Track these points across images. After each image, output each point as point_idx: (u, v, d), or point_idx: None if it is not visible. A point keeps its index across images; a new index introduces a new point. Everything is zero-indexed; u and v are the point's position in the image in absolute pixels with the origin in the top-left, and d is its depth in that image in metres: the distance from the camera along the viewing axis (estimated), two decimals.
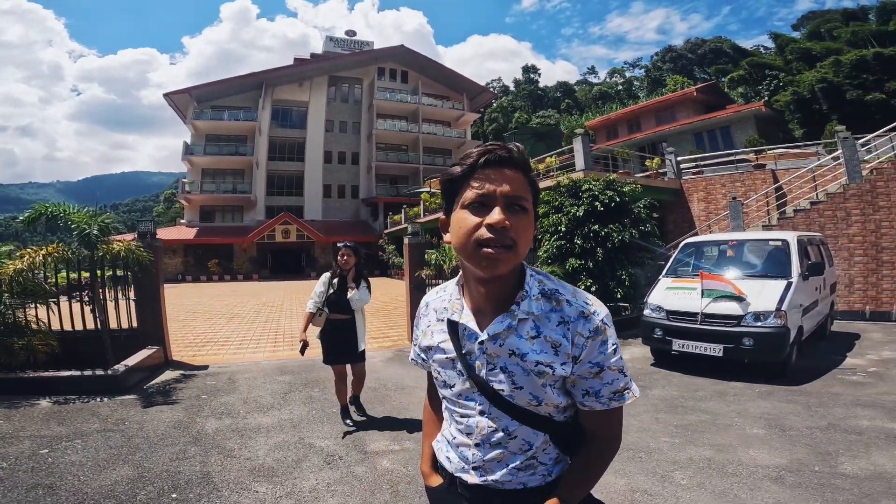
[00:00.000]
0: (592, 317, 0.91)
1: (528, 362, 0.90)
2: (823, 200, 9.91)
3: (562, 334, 0.90)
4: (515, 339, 0.91)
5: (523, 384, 0.91)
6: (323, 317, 3.82)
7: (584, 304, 0.92)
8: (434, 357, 1.03)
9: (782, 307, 4.85)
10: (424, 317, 1.10)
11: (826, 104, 21.94)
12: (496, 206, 0.86)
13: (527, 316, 0.91)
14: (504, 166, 0.89)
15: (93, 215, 5.07)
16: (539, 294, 0.93)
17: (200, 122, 32.57)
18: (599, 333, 0.90)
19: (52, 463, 3.16)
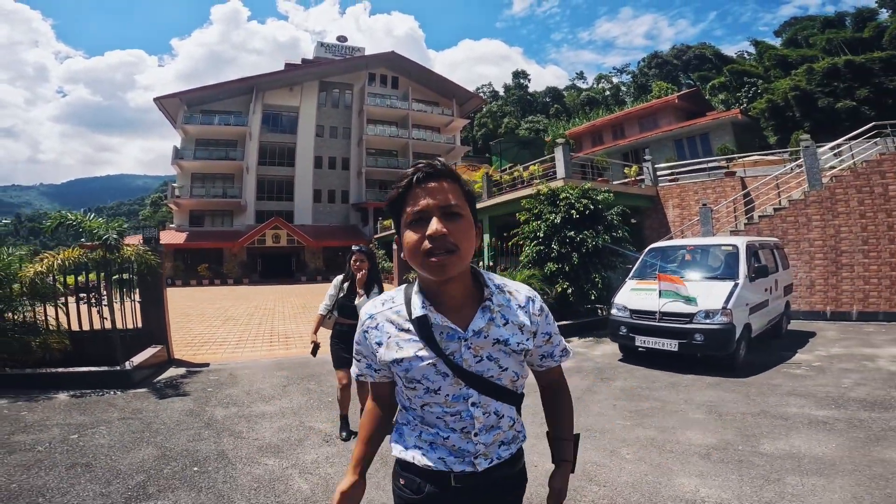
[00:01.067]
0: (536, 298, 1.14)
1: (512, 345, 1.04)
2: (786, 206, 10.58)
3: (523, 316, 1.08)
4: (497, 329, 1.04)
5: (508, 365, 1.05)
6: (332, 320, 3.89)
7: (526, 290, 1.14)
8: (410, 367, 1.04)
9: (728, 306, 5.44)
10: (375, 329, 1.10)
11: (799, 111, 22.89)
12: (433, 218, 0.96)
13: (499, 308, 1.06)
14: (433, 180, 0.99)
15: (107, 222, 5.52)
16: (496, 288, 1.08)
17: (190, 127, 32.76)
18: (544, 310, 1.14)
19: (83, 446, 3.62)
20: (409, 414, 1.13)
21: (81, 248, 5.69)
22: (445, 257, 0.95)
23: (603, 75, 65.71)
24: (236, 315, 12.37)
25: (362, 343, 1.14)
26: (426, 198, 0.97)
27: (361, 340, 1.14)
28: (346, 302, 3.85)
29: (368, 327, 1.12)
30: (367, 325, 1.12)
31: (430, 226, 0.95)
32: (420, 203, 0.97)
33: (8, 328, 5.38)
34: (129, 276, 6.06)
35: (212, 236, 31.82)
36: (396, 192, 1.02)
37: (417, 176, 0.99)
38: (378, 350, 1.09)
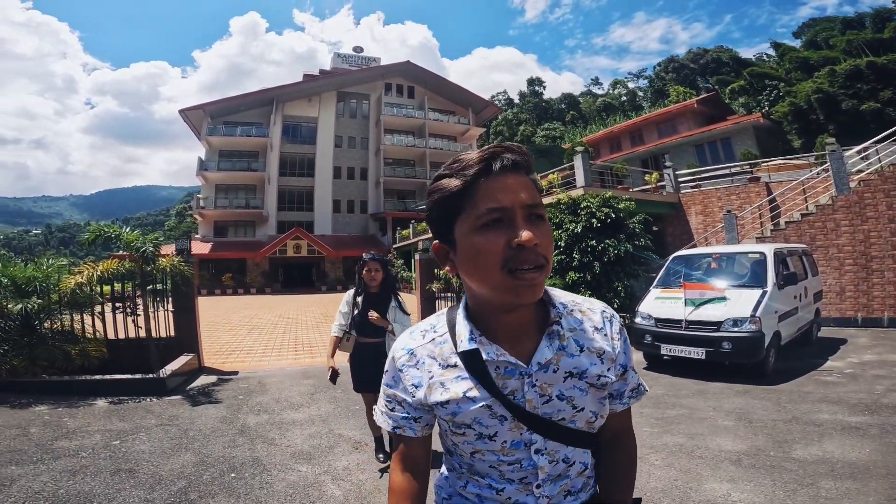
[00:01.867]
0: (614, 317, 0.90)
1: (591, 377, 0.83)
2: (814, 212, 10.38)
3: (602, 341, 0.86)
4: (569, 359, 0.82)
5: (584, 404, 0.83)
6: (351, 341, 3.42)
7: (600, 306, 0.91)
8: (458, 411, 0.83)
9: (756, 314, 5.37)
10: (413, 368, 0.88)
11: (822, 114, 22.45)
12: (517, 221, 0.73)
13: (570, 332, 0.84)
14: (515, 171, 0.76)
15: (143, 235, 5.77)
16: (563, 309, 0.86)
17: (214, 138, 33.64)
18: (623, 333, 0.89)
19: (125, 452, 3.76)
20: (455, 460, 0.93)
21: (117, 260, 5.93)
22: (537, 274, 0.73)
23: (619, 81, 65.52)
24: (261, 324, 12.61)
25: (395, 385, 0.90)
26: (510, 192, 0.74)
27: (393, 382, 0.91)
28: (361, 318, 3.40)
29: (404, 365, 0.89)
30: (403, 363, 0.89)
31: (521, 232, 0.72)
32: (502, 199, 0.73)
33: (48, 336, 5.62)
34: (162, 287, 6.27)
35: (235, 246, 32.50)
36: (459, 181, 0.76)
37: (500, 164, 0.75)
38: (416, 393, 0.87)
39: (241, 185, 34.93)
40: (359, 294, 3.48)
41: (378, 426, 3.29)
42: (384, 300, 3.43)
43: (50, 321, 5.81)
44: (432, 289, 8.02)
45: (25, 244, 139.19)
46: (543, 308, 0.86)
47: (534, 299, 0.76)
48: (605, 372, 0.85)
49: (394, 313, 3.43)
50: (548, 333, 0.83)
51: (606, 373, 0.85)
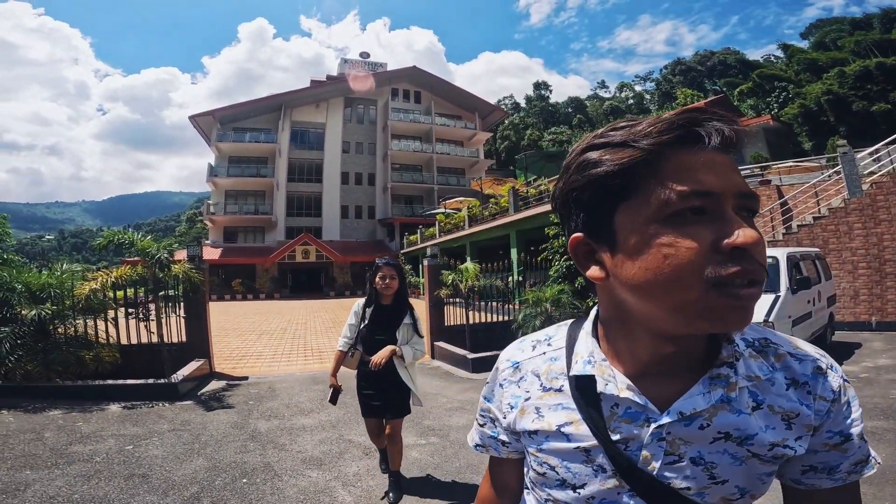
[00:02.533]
0: (830, 372, 0.62)
1: (759, 445, 0.59)
2: (826, 215, 10.26)
3: (797, 400, 0.60)
4: (731, 416, 0.58)
5: (730, 476, 0.60)
6: (355, 357, 3.03)
7: (816, 355, 0.63)
8: (544, 445, 0.67)
9: (770, 318, 5.31)
10: (512, 384, 0.73)
11: (833, 116, 22.26)
12: (728, 214, 0.51)
13: (749, 381, 0.59)
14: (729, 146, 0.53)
15: (156, 241, 5.84)
16: (747, 347, 0.62)
17: (224, 144, 34.04)
18: (844, 393, 0.62)
19: (139, 457, 3.78)
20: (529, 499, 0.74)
21: (130, 266, 6.00)
22: (755, 291, 0.51)
23: (625, 84, 65.36)
24: (270, 329, 12.68)
25: (491, 400, 0.76)
26: (719, 174, 0.51)
27: (490, 396, 0.77)
28: (373, 334, 2.96)
29: (506, 380, 0.74)
30: (506, 377, 0.74)
31: (739, 230, 0.50)
32: (705, 181, 0.51)
33: (62, 342, 5.69)
34: (174, 292, 6.33)
35: (244, 252, 32.76)
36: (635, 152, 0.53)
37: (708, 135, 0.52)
38: (509, 414, 0.72)
39: (251, 191, 35.27)
40: (369, 305, 3.02)
41: (382, 439, 3.14)
42: (397, 314, 2.99)
43: (64, 327, 5.88)
44: (440, 294, 8.02)
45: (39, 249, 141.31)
46: (714, 341, 0.61)
47: (744, 326, 0.52)
48: (789, 441, 0.59)
49: (406, 332, 2.99)
50: (710, 376, 0.58)
51: (792, 443, 0.59)
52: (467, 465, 3.59)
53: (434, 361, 7.72)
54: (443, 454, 3.83)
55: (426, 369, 7.15)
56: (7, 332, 5.35)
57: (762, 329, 0.65)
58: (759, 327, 0.65)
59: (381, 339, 2.94)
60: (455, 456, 3.78)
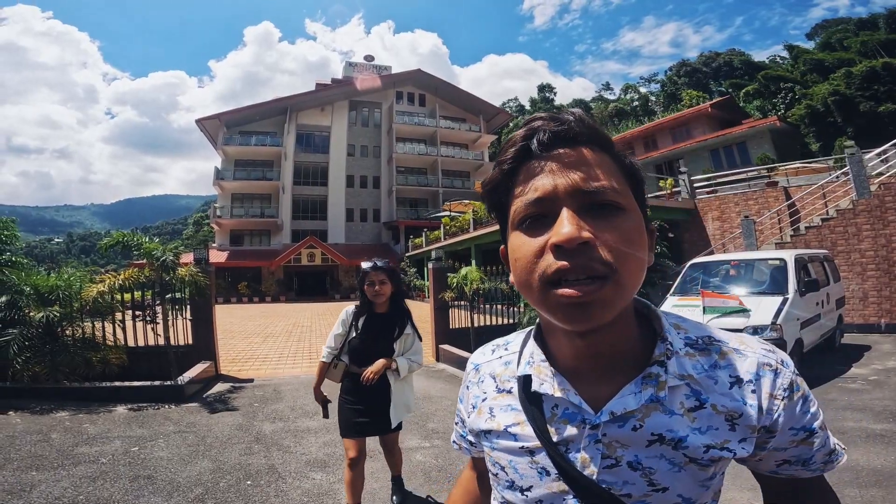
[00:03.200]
0: (782, 368, 0.60)
1: (692, 449, 0.56)
2: (834, 216, 10.17)
3: (741, 399, 0.58)
4: (663, 416, 0.57)
5: (670, 483, 0.57)
6: (339, 369, 2.72)
7: (763, 352, 0.61)
8: (495, 444, 0.68)
9: (777, 321, 5.26)
10: (474, 385, 0.75)
11: (840, 117, 22.09)
12: (563, 213, 0.53)
13: (683, 379, 0.58)
14: (562, 146, 0.56)
15: (163, 244, 5.88)
16: (686, 346, 0.60)
17: (230, 148, 34.22)
18: (796, 389, 0.60)
19: (144, 458, 3.80)
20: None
21: (137, 268, 6.05)
22: (588, 287, 0.51)
23: (630, 85, 65.14)
24: (276, 332, 12.71)
25: (461, 401, 0.80)
26: (552, 175, 0.55)
27: (461, 397, 0.80)
28: (363, 345, 2.68)
29: (469, 382, 0.77)
30: (469, 380, 0.77)
31: (558, 227, 0.52)
32: (538, 185, 0.55)
33: (69, 344, 5.74)
34: (181, 295, 6.37)
35: (251, 255, 32.90)
36: (500, 170, 0.59)
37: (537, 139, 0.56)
38: (471, 414, 0.74)
39: (257, 195, 35.43)
40: (361, 314, 2.73)
41: (356, 490, 2.69)
42: (394, 322, 2.71)
43: (72, 329, 5.93)
44: (445, 297, 8.01)
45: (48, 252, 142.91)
46: (651, 340, 0.61)
47: (587, 325, 0.53)
48: (731, 444, 0.57)
49: (406, 341, 2.75)
50: (643, 376, 0.58)
51: (731, 446, 0.57)
52: None
53: (439, 364, 7.71)
54: (447, 457, 3.82)
55: (431, 372, 7.14)
56: (15, 333, 5.40)
57: (706, 327, 0.63)
58: (704, 325, 0.64)
59: (377, 351, 2.65)
60: (459, 458, 3.76)
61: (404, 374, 2.69)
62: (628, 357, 0.60)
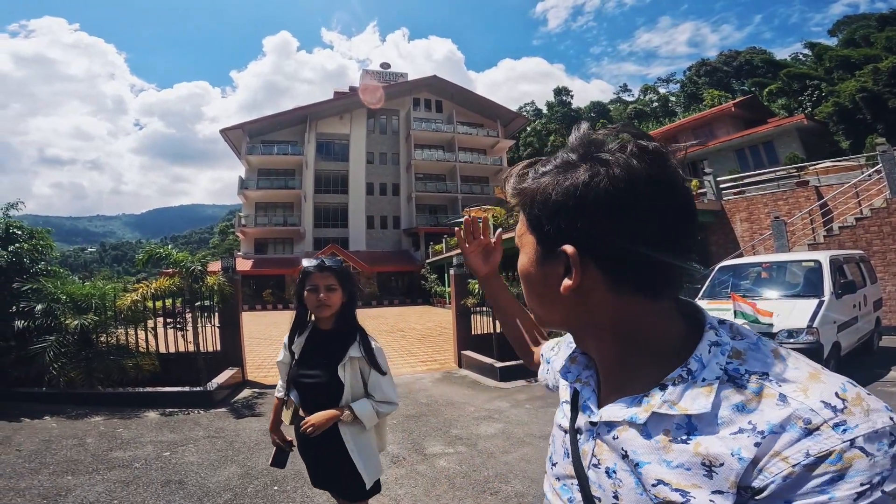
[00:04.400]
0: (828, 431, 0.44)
1: (644, 478, 0.52)
2: (868, 216, 9.82)
3: (732, 448, 0.47)
4: (638, 437, 0.54)
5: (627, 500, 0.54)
6: (290, 409, 1.95)
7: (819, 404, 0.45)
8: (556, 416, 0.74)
9: (814, 324, 5.08)
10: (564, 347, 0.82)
11: (869, 114, 21.35)
12: None
13: (673, 411, 0.52)
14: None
15: (192, 253, 6.03)
16: (718, 378, 0.51)
17: (253, 157, 34.90)
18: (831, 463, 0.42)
19: (175, 463, 3.88)
20: None
21: (166, 276, 6.22)
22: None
23: (649, 86, 64.30)
24: None
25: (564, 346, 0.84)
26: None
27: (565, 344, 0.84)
28: (302, 376, 1.93)
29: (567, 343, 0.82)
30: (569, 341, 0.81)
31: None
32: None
33: (104, 351, 5.91)
34: (209, 303, 6.51)
35: (274, 263, 33.40)
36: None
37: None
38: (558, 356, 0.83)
39: (279, 203, 35.98)
40: (299, 331, 2.01)
41: None
42: (343, 344, 1.92)
43: (106, 336, 6.11)
44: (467, 304, 7.99)
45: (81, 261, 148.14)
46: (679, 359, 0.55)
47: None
48: (693, 490, 0.48)
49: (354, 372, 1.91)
50: (644, 394, 0.55)
51: (697, 493, 0.48)
52: (496, 475, 3.54)
53: (461, 370, 7.68)
54: (470, 463, 3.79)
55: (453, 378, 7.12)
56: (52, 340, 5.59)
57: (779, 362, 0.50)
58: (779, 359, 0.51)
59: (313, 384, 1.89)
60: (483, 465, 3.73)
61: (370, 424, 1.88)
62: (654, 371, 0.56)
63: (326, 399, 1.87)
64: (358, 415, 1.84)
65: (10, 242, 6.41)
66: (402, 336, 12.61)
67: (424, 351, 9.77)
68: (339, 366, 1.87)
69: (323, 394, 1.88)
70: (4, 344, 5.76)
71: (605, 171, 0.53)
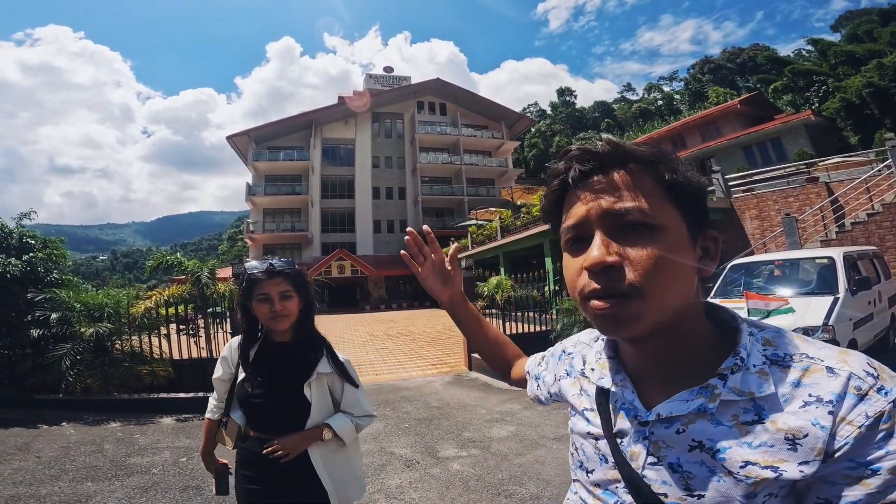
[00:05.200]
0: (874, 394, 0.51)
1: (729, 462, 0.54)
2: (880, 211, 9.71)
3: (810, 419, 0.52)
4: (709, 425, 0.57)
5: (705, 491, 0.56)
6: (232, 432, 1.68)
7: (863, 372, 0.53)
8: (573, 424, 0.74)
9: (829, 321, 5.03)
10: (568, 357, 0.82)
11: (877, 109, 21.16)
12: (595, 237, 0.59)
13: (739, 397, 0.56)
14: (595, 173, 0.60)
15: (201, 261, 6.10)
16: (765, 363, 0.57)
17: (260, 163, 35.19)
18: (885, 420, 0.50)
19: (192, 469, 3.90)
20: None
21: (176, 283, 6.29)
22: (614, 305, 0.56)
23: (653, 85, 64.11)
24: None
25: (554, 357, 0.88)
26: (585, 202, 0.60)
27: (555, 354, 0.88)
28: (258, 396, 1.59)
29: (565, 349, 0.85)
30: (566, 347, 0.85)
31: (590, 251, 0.58)
32: (576, 212, 0.61)
33: (119, 358, 5.98)
34: (221, 309, 6.56)
35: None
36: (548, 200, 0.67)
37: (571, 176, 0.62)
38: (562, 379, 0.82)
39: (287, 209, 36.22)
40: (249, 345, 1.70)
41: None
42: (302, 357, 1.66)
43: (121, 343, 6.18)
44: (476, 306, 8.00)
45: (93, 269, 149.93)
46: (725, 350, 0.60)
47: (618, 334, 0.60)
48: (784, 466, 0.52)
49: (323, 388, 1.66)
50: (701, 385, 0.58)
51: (787, 466, 0.52)
52: (510, 477, 3.53)
53: (472, 373, 7.67)
54: (484, 466, 3.78)
55: (464, 381, 7.11)
56: (67, 348, 5.66)
57: (806, 344, 0.58)
58: (805, 341, 0.58)
59: (270, 403, 1.58)
60: (497, 468, 3.72)
61: (350, 440, 1.64)
62: (697, 365, 0.61)
63: (286, 419, 1.58)
64: (339, 433, 1.59)
65: (24, 252, 6.50)
66: (412, 339, 12.63)
67: (434, 354, 9.77)
68: (305, 384, 1.60)
69: (282, 414, 1.59)
70: (21, 352, 5.84)
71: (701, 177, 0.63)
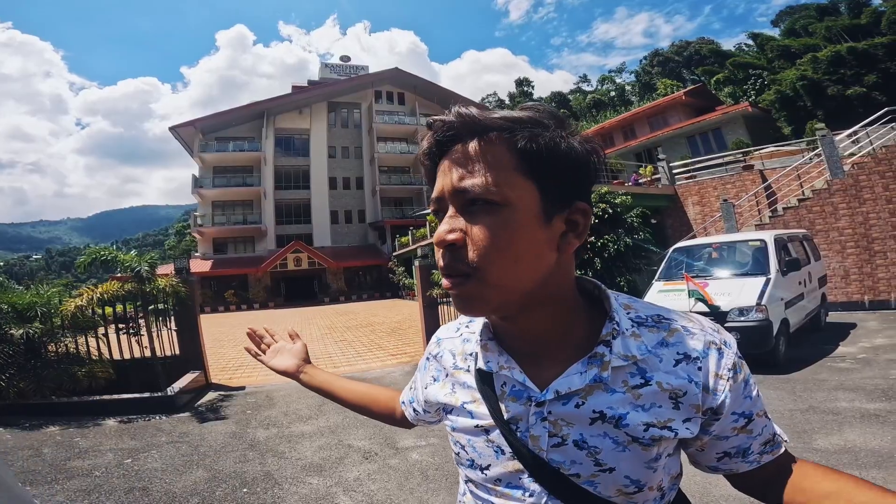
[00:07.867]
0: (725, 349, 0.59)
1: (632, 428, 0.56)
2: (811, 197, 10.40)
3: (686, 377, 0.57)
4: (605, 395, 0.58)
5: (615, 464, 0.57)
6: None
7: (711, 331, 0.60)
8: (455, 422, 0.69)
9: (762, 302, 5.36)
10: (434, 359, 0.77)
11: (809, 101, 22.57)
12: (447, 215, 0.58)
13: (627, 360, 0.58)
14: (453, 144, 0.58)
15: (140, 256, 5.76)
16: (633, 325, 0.60)
17: (207, 155, 33.59)
18: (739, 371, 0.59)
19: (138, 470, 3.73)
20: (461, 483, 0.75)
21: (117, 281, 5.93)
22: (457, 284, 0.56)
23: (606, 76, 65.80)
24: None
25: (421, 371, 0.81)
26: (441, 179, 0.59)
27: (422, 367, 0.81)
28: None
29: (430, 354, 0.78)
30: (430, 352, 0.79)
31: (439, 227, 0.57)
32: (437, 185, 0.59)
33: (53, 360, 5.61)
34: (164, 306, 6.26)
35: (236, 263, 32.44)
36: (425, 168, 0.63)
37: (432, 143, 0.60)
38: (431, 386, 0.76)
39: (238, 201, 34.85)
40: None
41: None
42: None
43: (54, 344, 5.80)
44: (433, 295, 8.01)
45: (27, 270, 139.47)
46: (599, 322, 0.62)
47: (468, 313, 0.59)
48: (674, 423, 0.57)
49: None
50: (589, 356, 0.59)
51: (676, 424, 0.57)
52: None
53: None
54: (443, 455, 3.81)
55: None
56: None
57: (656, 306, 0.63)
58: (654, 305, 0.64)
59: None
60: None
61: None
62: (575, 338, 0.61)
63: None
64: None
65: None
66: (372, 331, 12.53)
67: (394, 344, 9.74)
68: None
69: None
70: None
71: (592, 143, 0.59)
